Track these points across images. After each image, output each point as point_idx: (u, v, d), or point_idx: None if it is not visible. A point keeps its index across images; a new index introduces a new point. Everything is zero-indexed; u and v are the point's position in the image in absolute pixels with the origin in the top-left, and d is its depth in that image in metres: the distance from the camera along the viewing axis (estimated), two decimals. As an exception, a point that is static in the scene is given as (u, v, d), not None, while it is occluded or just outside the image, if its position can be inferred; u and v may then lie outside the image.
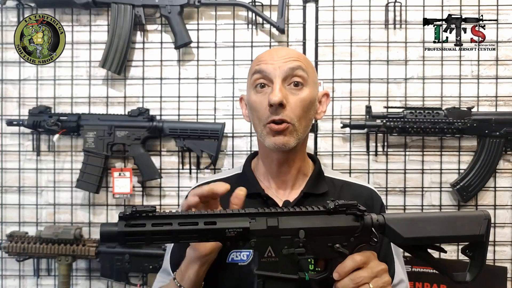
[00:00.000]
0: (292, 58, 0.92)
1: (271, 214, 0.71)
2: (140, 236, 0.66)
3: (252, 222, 0.70)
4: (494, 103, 1.62)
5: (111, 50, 1.60)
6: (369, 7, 1.64)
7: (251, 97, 0.93)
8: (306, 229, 0.71)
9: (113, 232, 0.65)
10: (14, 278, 1.69)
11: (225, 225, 0.68)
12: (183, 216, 0.68)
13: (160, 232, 0.66)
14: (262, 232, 0.70)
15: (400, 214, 0.80)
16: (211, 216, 0.69)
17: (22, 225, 1.68)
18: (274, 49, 1.00)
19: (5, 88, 1.70)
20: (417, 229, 0.75)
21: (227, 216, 0.70)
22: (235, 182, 1.01)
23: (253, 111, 0.94)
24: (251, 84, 0.94)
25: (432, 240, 0.76)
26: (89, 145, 1.60)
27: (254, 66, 0.94)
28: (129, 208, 0.66)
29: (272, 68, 0.90)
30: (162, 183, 1.66)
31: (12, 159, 1.69)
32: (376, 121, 1.58)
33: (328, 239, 0.73)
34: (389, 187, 1.63)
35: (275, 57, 0.92)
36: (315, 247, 0.72)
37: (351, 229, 0.73)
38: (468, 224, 0.77)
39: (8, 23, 1.70)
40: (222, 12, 1.67)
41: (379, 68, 1.64)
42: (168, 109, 1.67)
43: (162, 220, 0.66)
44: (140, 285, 1.58)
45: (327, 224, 0.73)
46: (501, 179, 1.63)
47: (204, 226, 0.67)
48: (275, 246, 0.70)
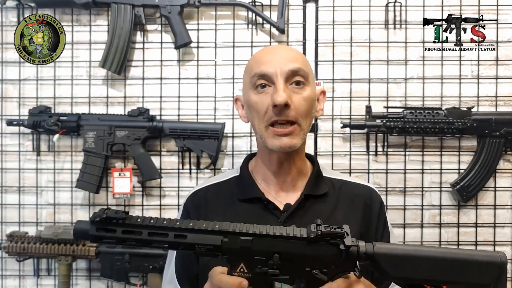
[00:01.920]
0: (292, 58, 0.91)
1: (245, 234, 0.67)
2: (110, 240, 0.68)
3: (224, 240, 0.67)
4: (494, 103, 1.63)
5: (111, 50, 1.60)
6: (369, 7, 1.64)
7: (251, 98, 0.92)
8: (282, 253, 0.67)
9: (85, 233, 0.68)
10: (14, 278, 1.69)
11: (196, 241, 0.67)
12: (154, 226, 0.67)
13: (129, 239, 0.67)
14: (234, 251, 0.67)
15: (396, 247, 0.70)
16: (182, 230, 0.67)
17: (22, 225, 1.68)
18: (271, 48, 0.99)
19: (5, 88, 1.70)
20: (410, 269, 0.66)
21: (199, 232, 0.67)
22: (233, 185, 1.00)
23: (253, 111, 0.92)
24: (251, 84, 0.92)
25: (426, 282, 0.68)
26: (89, 145, 1.60)
27: (253, 68, 0.92)
28: (102, 211, 0.67)
29: (273, 69, 0.89)
30: (162, 183, 1.66)
31: (12, 159, 1.69)
32: (376, 121, 1.58)
33: (307, 264, 0.68)
34: (389, 187, 1.63)
35: (275, 57, 0.91)
36: (292, 270, 0.68)
37: (333, 259, 0.68)
38: (475, 270, 0.66)
39: (8, 23, 1.70)
40: (222, 12, 1.67)
41: (379, 68, 1.64)
42: (168, 109, 1.67)
43: (133, 228, 0.67)
44: (140, 285, 1.58)
45: (305, 252, 0.67)
46: (501, 179, 1.63)
47: (174, 239, 0.67)
48: (248, 264, 0.67)
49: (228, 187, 1.00)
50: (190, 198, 1.01)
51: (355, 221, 0.93)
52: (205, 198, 0.99)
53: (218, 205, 0.96)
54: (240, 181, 1.00)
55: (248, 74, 0.94)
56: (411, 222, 1.63)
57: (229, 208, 0.95)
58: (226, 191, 0.99)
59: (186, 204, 1.00)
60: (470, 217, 1.63)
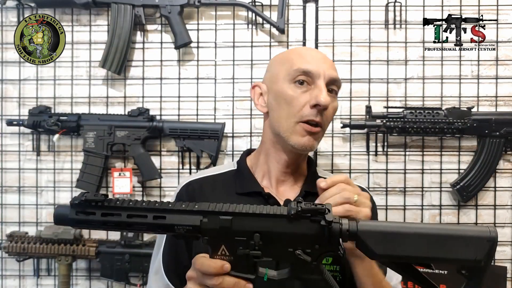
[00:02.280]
0: (333, 67, 0.94)
1: (224, 214, 0.66)
2: (90, 224, 0.68)
3: (203, 220, 0.66)
4: (494, 103, 1.62)
5: (111, 50, 1.60)
6: (369, 7, 1.64)
7: (287, 90, 0.90)
8: (262, 232, 0.65)
9: (65, 217, 0.67)
10: (14, 278, 1.69)
11: (175, 221, 0.66)
12: (132, 208, 0.67)
13: (109, 222, 0.67)
14: (214, 231, 0.66)
15: (379, 224, 0.68)
16: (161, 211, 0.66)
17: (22, 225, 1.68)
18: (313, 49, 1.04)
19: (5, 88, 1.70)
20: (395, 246, 0.63)
21: (178, 212, 0.66)
22: (231, 178, 1.00)
23: (284, 104, 0.91)
24: (290, 77, 0.91)
25: (412, 260, 0.65)
26: (89, 145, 1.60)
27: (295, 62, 0.91)
28: (81, 195, 0.67)
29: (317, 69, 0.90)
30: (162, 183, 1.66)
31: (12, 159, 1.69)
32: (376, 121, 1.58)
33: (289, 244, 0.66)
34: (389, 187, 1.63)
35: (320, 59, 0.92)
36: (274, 251, 0.66)
37: (315, 237, 0.65)
38: (463, 245, 0.63)
39: (8, 23, 1.70)
40: (222, 12, 1.67)
41: (379, 68, 1.64)
42: (168, 109, 1.67)
43: (112, 210, 0.67)
44: (140, 285, 1.58)
45: (286, 230, 0.65)
46: (501, 179, 1.63)
47: (153, 221, 0.66)
48: (229, 245, 0.66)
49: (224, 180, 1.00)
50: (184, 188, 0.99)
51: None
52: (200, 188, 0.98)
53: (214, 197, 0.95)
54: (239, 174, 1.00)
55: (286, 65, 0.92)
56: (411, 222, 1.63)
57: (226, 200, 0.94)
58: (223, 183, 0.99)
59: (179, 194, 0.99)
60: (470, 217, 1.63)
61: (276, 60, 0.98)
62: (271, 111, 0.95)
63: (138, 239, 1.57)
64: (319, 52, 1.00)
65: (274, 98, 0.94)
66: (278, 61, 0.97)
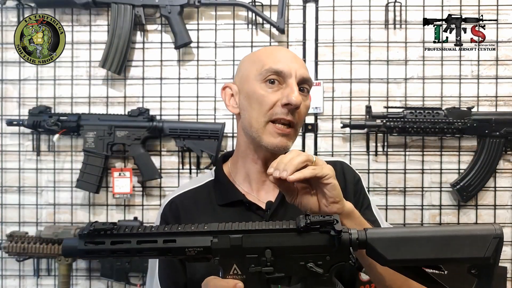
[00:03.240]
0: (304, 66, 0.93)
1: (234, 232, 0.66)
2: (99, 253, 0.67)
3: (213, 241, 0.66)
4: (494, 103, 1.62)
5: (111, 50, 1.60)
6: (369, 7, 1.64)
7: (258, 90, 0.90)
8: (273, 248, 0.66)
9: (74, 249, 0.67)
10: (14, 278, 1.69)
11: (185, 244, 0.66)
12: (142, 234, 0.67)
13: (119, 250, 0.66)
14: (225, 251, 0.66)
15: (387, 230, 0.70)
16: (170, 234, 0.66)
17: (22, 225, 1.68)
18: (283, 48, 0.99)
19: (5, 88, 1.70)
20: (405, 250, 0.65)
21: (188, 234, 0.66)
22: (210, 190, 0.97)
23: (255, 104, 0.90)
24: (260, 76, 0.90)
25: (423, 263, 0.66)
26: (89, 145, 1.60)
27: (266, 61, 0.90)
28: (89, 225, 0.67)
29: (288, 69, 0.89)
30: (162, 183, 1.66)
31: (12, 159, 1.69)
32: (376, 121, 1.58)
33: (300, 257, 0.66)
34: (389, 187, 1.63)
35: (290, 59, 0.91)
36: (286, 266, 0.66)
37: (325, 248, 0.66)
38: (471, 244, 0.65)
39: (8, 23, 1.70)
40: (222, 12, 1.67)
41: (379, 68, 1.64)
42: (168, 109, 1.67)
43: (121, 238, 0.67)
44: (140, 285, 1.58)
45: (297, 243, 0.66)
46: (501, 179, 1.63)
47: (163, 245, 0.66)
48: (240, 264, 0.66)
49: (204, 192, 0.98)
50: (167, 206, 0.97)
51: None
52: (182, 206, 0.96)
53: (198, 212, 0.93)
54: (218, 185, 0.97)
55: (256, 65, 0.91)
56: (411, 222, 1.63)
57: (209, 214, 0.92)
58: (203, 196, 0.97)
59: (163, 214, 0.96)
60: (470, 217, 1.63)
61: (246, 60, 0.97)
62: (243, 112, 0.93)
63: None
64: (289, 51, 0.99)
65: (245, 98, 0.92)
66: (249, 60, 0.95)
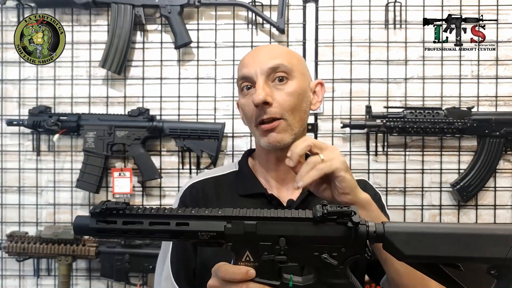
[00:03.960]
0: (272, 56, 0.91)
1: (248, 218, 0.65)
2: (111, 233, 0.66)
3: (227, 226, 0.64)
4: (494, 103, 1.63)
5: (111, 50, 1.60)
6: (369, 7, 1.64)
7: (240, 100, 0.96)
8: (288, 236, 0.64)
9: (85, 227, 0.66)
10: (14, 278, 1.69)
11: (198, 228, 0.65)
12: (154, 215, 0.66)
13: (131, 230, 0.65)
14: (238, 237, 0.64)
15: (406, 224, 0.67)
16: (184, 217, 0.65)
17: (22, 225, 1.68)
18: (255, 49, 0.98)
19: (5, 88, 1.70)
20: (423, 245, 0.63)
21: (201, 218, 0.65)
22: (232, 180, 0.99)
23: (244, 113, 0.95)
24: (239, 88, 0.96)
25: (441, 260, 0.64)
26: (89, 145, 1.60)
27: (238, 71, 0.96)
28: (101, 204, 0.66)
29: (253, 70, 0.90)
30: (162, 183, 1.66)
31: (12, 159, 1.69)
32: (376, 121, 1.58)
33: (315, 248, 0.64)
34: (389, 187, 1.63)
35: (257, 58, 0.92)
36: (299, 255, 0.65)
37: (341, 240, 0.64)
38: (492, 244, 0.62)
39: (8, 23, 1.70)
40: (222, 12, 1.67)
41: (379, 68, 1.64)
42: (168, 109, 1.67)
43: (133, 218, 0.65)
44: (140, 285, 1.58)
45: (312, 233, 0.64)
46: (501, 179, 1.63)
47: (176, 227, 0.65)
48: (253, 251, 0.64)
49: (227, 181, 1.00)
50: (187, 190, 0.99)
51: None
52: (203, 191, 0.97)
53: (218, 200, 0.95)
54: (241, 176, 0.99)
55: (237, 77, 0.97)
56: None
57: (229, 203, 0.93)
58: (225, 185, 0.99)
59: (183, 197, 0.98)
60: (470, 217, 1.63)
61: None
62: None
63: (138, 239, 1.57)
64: (260, 48, 0.97)
65: (241, 110, 0.99)
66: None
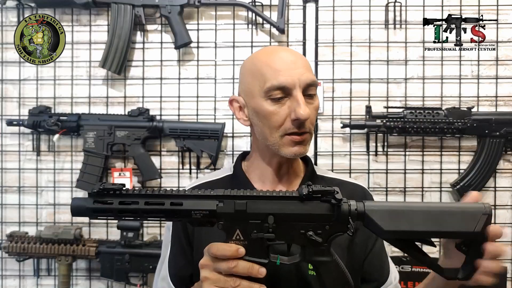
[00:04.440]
0: (307, 69, 0.90)
1: (239, 197, 0.70)
2: (107, 213, 0.69)
3: (219, 205, 0.69)
4: (494, 103, 1.62)
5: (111, 50, 1.60)
6: (369, 7, 1.64)
7: (265, 107, 0.88)
8: (276, 214, 0.69)
9: (82, 208, 0.69)
10: (14, 278, 1.69)
11: (192, 207, 0.69)
12: (149, 195, 0.69)
13: (126, 210, 0.68)
14: (230, 215, 0.69)
15: (384, 203, 0.74)
16: (177, 197, 0.69)
17: (22, 225, 1.68)
18: (286, 55, 0.91)
19: (5, 88, 1.70)
20: (401, 222, 0.69)
21: (194, 197, 0.70)
22: (227, 184, 0.99)
23: (265, 120, 0.89)
24: (264, 93, 0.88)
25: (417, 235, 0.70)
26: (89, 145, 1.60)
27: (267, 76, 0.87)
28: (99, 184, 0.69)
29: (292, 81, 0.86)
30: (162, 183, 1.66)
31: (12, 159, 1.69)
32: (376, 121, 1.58)
33: (301, 225, 0.69)
34: (389, 187, 1.63)
35: (294, 69, 0.87)
36: (286, 233, 0.70)
37: (325, 217, 0.69)
38: (462, 219, 0.69)
39: (8, 23, 1.70)
40: (222, 12, 1.67)
41: (379, 68, 1.64)
42: (168, 109, 1.67)
43: (129, 198, 0.69)
44: (140, 285, 1.58)
45: (299, 211, 0.69)
46: (501, 179, 1.63)
47: (170, 207, 0.68)
48: (243, 229, 0.69)
49: (221, 186, 0.99)
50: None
51: None
52: None
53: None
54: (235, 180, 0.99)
55: (258, 80, 0.89)
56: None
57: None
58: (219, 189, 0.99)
59: None
60: (470, 217, 1.63)
61: (247, 71, 0.93)
62: (254, 125, 0.94)
63: (138, 239, 1.57)
64: (289, 53, 0.93)
65: (253, 114, 0.92)
66: (250, 73, 0.92)
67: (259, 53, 0.94)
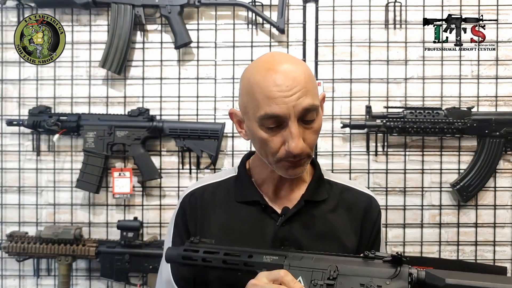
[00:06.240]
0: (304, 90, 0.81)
1: (306, 254, 0.78)
2: (193, 259, 0.82)
3: (285, 263, 0.76)
4: (494, 103, 1.63)
5: (111, 50, 1.60)
6: (369, 7, 1.64)
7: (259, 134, 0.84)
8: (339, 267, 0.74)
9: (176, 254, 0.83)
10: (14, 278, 1.69)
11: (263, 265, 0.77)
12: (228, 249, 0.81)
13: (209, 258, 0.80)
14: (296, 268, 0.76)
15: (447, 273, 0.71)
16: (251, 252, 0.79)
17: (22, 225, 1.68)
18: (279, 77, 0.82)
19: (5, 88, 1.70)
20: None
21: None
22: (231, 185, 0.98)
23: (259, 144, 0.86)
24: (258, 121, 0.83)
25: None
26: (89, 145, 1.60)
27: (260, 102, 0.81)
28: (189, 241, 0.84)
29: (285, 109, 0.80)
30: (162, 183, 1.66)
31: (12, 159, 1.69)
32: (376, 121, 1.58)
33: (362, 279, 0.73)
34: (389, 187, 1.63)
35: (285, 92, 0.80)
36: (347, 284, 0.73)
37: (386, 276, 0.73)
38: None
39: (8, 23, 1.70)
40: (222, 12, 1.67)
41: (379, 68, 1.64)
42: (168, 109, 1.67)
43: (212, 249, 0.81)
44: (140, 285, 1.58)
45: (361, 265, 0.74)
46: (501, 179, 1.63)
47: (245, 259, 0.79)
48: (306, 277, 0.75)
49: (225, 187, 0.98)
50: (187, 197, 0.98)
51: (352, 228, 0.92)
52: (201, 198, 0.97)
53: (215, 206, 0.95)
54: (238, 182, 0.98)
55: (253, 104, 0.84)
56: (411, 222, 1.63)
57: (226, 209, 0.94)
58: (223, 191, 0.98)
59: (182, 204, 0.98)
60: (470, 217, 1.63)
61: (244, 88, 0.88)
62: (252, 142, 0.92)
63: (138, 239, 1.57)
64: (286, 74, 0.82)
65: (249, 134, 0.89)
66: (245, 91, 0.87)
67: (257, 68, 0.86)
